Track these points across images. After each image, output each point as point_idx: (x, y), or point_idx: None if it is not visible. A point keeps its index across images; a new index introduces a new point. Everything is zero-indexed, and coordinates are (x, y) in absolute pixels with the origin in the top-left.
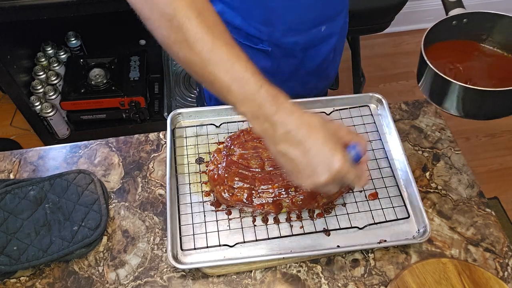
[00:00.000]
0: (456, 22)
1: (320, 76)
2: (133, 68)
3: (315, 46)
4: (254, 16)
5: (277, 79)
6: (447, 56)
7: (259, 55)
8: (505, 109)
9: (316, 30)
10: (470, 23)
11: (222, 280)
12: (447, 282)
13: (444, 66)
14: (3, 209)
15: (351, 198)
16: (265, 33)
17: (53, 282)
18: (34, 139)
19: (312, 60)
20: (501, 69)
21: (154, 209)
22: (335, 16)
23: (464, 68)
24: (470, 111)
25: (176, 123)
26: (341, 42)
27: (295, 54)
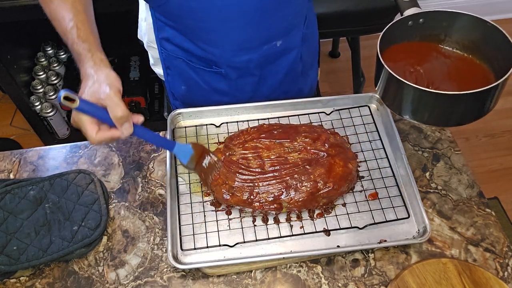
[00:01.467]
0: (412, 23)
1: (289, 91)
2: (133, 68)
3: (273, 61)
4: (201, 39)
5: (241, 99)
6: (406, 58)
7: (215, 77)
8: (465, 115)
9: (269, 46)
10: (427, 23)
11: (222, 280)
12: (447, 282)
13: (404, 69)
14: (3, 209)
15: (351, 198)
16: (215, 54)
17: (53, 282)
18: (34, 139)
19: (273, 75)
20: (462, 71)
21: (154, 209)
22: (289, 30)
23: (425, 71)
24: (427, 116)
25: (176, 123)
26: (308, 53)
27: (252, 72)
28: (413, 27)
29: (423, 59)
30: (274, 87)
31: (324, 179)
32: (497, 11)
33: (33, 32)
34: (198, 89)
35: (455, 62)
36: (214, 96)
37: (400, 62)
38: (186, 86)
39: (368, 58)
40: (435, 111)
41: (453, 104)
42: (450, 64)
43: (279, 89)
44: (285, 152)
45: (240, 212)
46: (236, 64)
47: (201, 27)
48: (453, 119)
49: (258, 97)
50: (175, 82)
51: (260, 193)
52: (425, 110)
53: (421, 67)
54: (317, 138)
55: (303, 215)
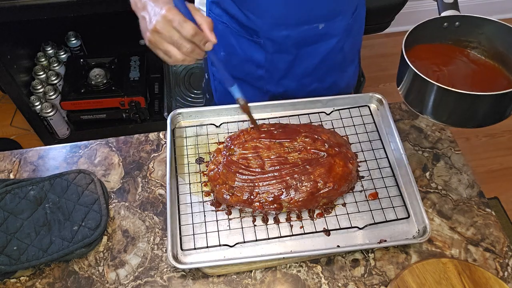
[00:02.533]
0: (447, 24)
1: (323, 80)
2: (133, 68)
3: (311, 44)
4: (246, 6)
5: (273, 76)
6: (432, 57)
7: (254, 47)
8: (485, 117)
9: (310, 27)
10: (462, 26)
11: (222, 280)
12: (447, 282)
13: (428, 67)
14: (3, 209)
15: (351, 198)
16: (257, 24)
17: (53, 282)
18: (34, 139)
19: (309, 58)
20: (486, 78)
21: (154, 209)
22: (333, 16)
23: (449, 72)
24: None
25: (176, 123)
26: (351, 47)
27: (288, 50)
28: (448, 29)
29: (449, 61)
30: (308, 72)
31: (324, 179)
32: (497, 11)
33: (33, 32)
34: (236, 57)
35: (481, 69)
36: (250, 66)
37: (425, 61)
38: (225, 52)
39: (368, 58)
40: (456, 111)
41: (474, 104)
42: (476, 70)
43: (313, 75)
44: (285, 152)
45: (240, 212)
46: (274, 37)
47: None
48: (474, 120)
49: (292, 77)
50: (215, 47)
51: (260, 193)
52: (446, 110)
53: (446, 69)
54: (317, 138)
55: (303, 215)
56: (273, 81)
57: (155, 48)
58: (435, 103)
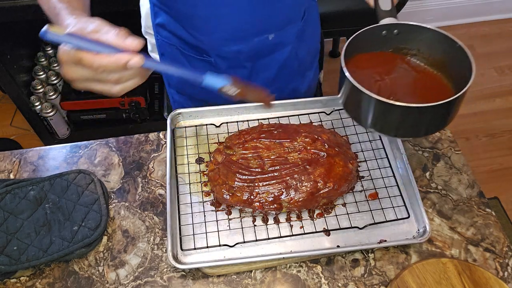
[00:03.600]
0: (386, 32)
1: (283, 88)
2: None
3: (265, 55)
4: (192, 25)
5: None
6: (373, 66)
7: (206, 66)
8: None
9: (261, 38)
10: (401, 34)
11: (222, 280)
12: (447, 282)
13: (369, 77)
14: (3, 209)
15: (351, 198)
16: (205, 42)
17: (53, 282)
18: (34, 139)
19: (266, 70)
20: (426, 86)
21: (154, 209)
22: (283, 25)
23: (391, 80)
24: (381, 125)
25: (176, 123)
26: (306, 52)
27: (242, 64)
28: (387, 37)
29: (390, 69)
30: (268, 82)
31: (324, 179)
32: (497, 11)
33: (33, 32)
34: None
35: (422, 76)
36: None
37: (366, 70)
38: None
39: None
40: (388, 121)
41: (404, 115)
42: (417, 77)
43: (273, 85)
44: (285, 152)
45: (240, 212)
46: (225, 54)
47: (193, 13)
48: (412, 130)
49: None
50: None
51: (260, 193)
52: (382, 121)
53: (388, 77)
54: (317, 138)
55: (303, 215)
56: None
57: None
58: (372, 114)
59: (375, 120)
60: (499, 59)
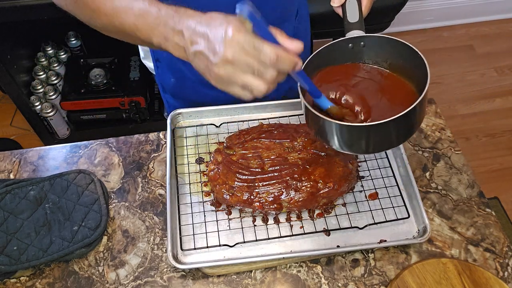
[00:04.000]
0: (352, 45)
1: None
2: (133, 68)
3: None
4: None
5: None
6: (341, 79)
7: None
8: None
9: None
10: (367, 46)
11: (222, 280)
12: (447, 282)
13: (336, 89)
14: (3, 209)
15: (351, 198)
16: None
17: (53, 282)
18: (34, 139)
19: None
20: (394, 92)
21: (154, 209)
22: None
23: (358, 91)
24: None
25: (176, 123)
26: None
27: None
28: (354, 50)
29: (357, 79)
30: None
31: (324, 179)
32: (497, 11)
33: (33, 32)
34: (186, 81)
35: (389, 83)
36: (202, 88)
37: (333, 83)
38: (175, 78)
39: None
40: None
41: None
42: (384, 85)
43: None
44: (285, 152)
45: (240, 212)
46: None
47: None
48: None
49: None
50: (164, 75)
51: (260, 193)
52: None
53: (355, 88)
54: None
55: (303, 215)
56: (229, 100)
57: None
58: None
59: (341, 142)
60: (499, 59)
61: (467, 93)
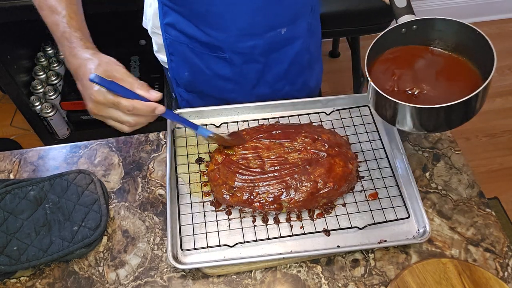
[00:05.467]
0: (405, 30)
1: (294, 82)
2: (133, 68)
3: (278, 49)
4: (206, 23)
5: (244, 87)
6: (396, 62)
7: (219, 62)
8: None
9: (274, 33)
10: (420, 29)
11: (222, 280)
12: (447, 282)
13: (393, 73)
14: (3, 209)
15: (351, 198)
16: (220, 39)
17: (53, 282)
18: (34, 139)
19: (278, 64)
20: (451, 71)
21: (154, 209)
22: (295, 19)
23: (415, 72)
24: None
25: (176, 123)
26: (315, 45)
27: (256, 59)
28: (407, 34)
29: (413, 60)
30: (279, 76)
31: (324, 179)
32: (497, 11)
33: (33, 32)
34: (201, 75)
35: (445, 62)
36: (217, 82)
37: (391, 68)
38: (189, 72)
39: None
40: (419, 121)
41: (433, 115)
42: (440, 64)
43: (285, 79)
44: (285, 152)
45: (240, 212)
46: (240, 49)
47: (207, 11)
48: (438, 126)
49: (263, 85)
50: (178, 69)
51: (260, 193)
52: (409, 120)
53: (411, 69)
54: (317, 138)
55: (303, 215)
56: (244, 92)
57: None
58: (398, 115)
59: (407, 121)
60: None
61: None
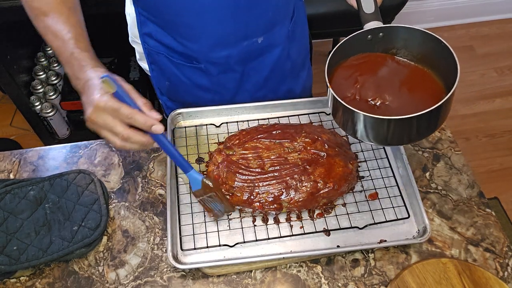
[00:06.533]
0: (371, 36)
1: (277, 90)
2: (133, 68)
3: (255, 58)
4: (178, 34)
5: (224, 97)
6: (362, 69)
7: (197, 72)
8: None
9: (250, 42)
10: (386, 36)
11: (222, 280)
12: (447, 282)
13: (355, 80)
14: (3, 209)
15: (351, 198)
16: (193, 49)
17: (53, 282)
18: (34, 139)
19: (257, 72)
20: (414, 81)
21: (154, 209)
22: (271, 27)
23: (378, 80)
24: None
25: (176, 123)
26: (298, 52)
27: (233, 68)
28: (373, 41)
29: (377, 69)
30: (259, 85)
31: (324, 179)
32: (497, 11)
33: (33, 32)
34: (181, 85)
35: (409, 73)
36: (197, 92)
37: (354, 74)
38: (169, 81)
39: None
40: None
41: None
42: (404, 74)
43: (265, 87)
44: (285, 152)
45: (240, 212)
46: (215, 59)
47: (178, 22)
48: (398, 138)
49: (242, 94)
50: (159, 78)
51: (260, 193)
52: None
53: (375, 77)
54: (317, 138)
55: (303, 215)
56: (225, 102)
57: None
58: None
59: (363, 132)
60: (499, 60)
61: (467, 94)
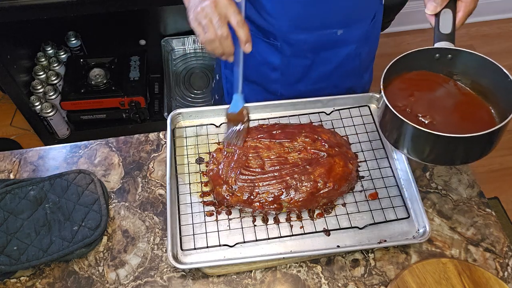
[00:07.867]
0: (439, 55)
1: (338, 86)
2: (133, 68)
3: (328, 49)
4: (264, 8)
5: (288, 79)
6: (417, 85)
7: (270, 49)
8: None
9: (328, 32)
10: (454, 59)
11: (222, 280)
12: (447, 282)
13: (409, 95)
14: (3, 209)
15: (351, 198)
16: (274, 26)
17: (53, 282)
18: (34, 139)
19: (325, 64)
20: (468, 109)
21: (154, 209)
22: (351, 22)
23: (431, 99)
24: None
25: (176, 123)
26: (368, 54)
27: (305, 54)
28: (439, 61)
29: (435, 89)
30: (324, 77)
31: (324, 179)
32: (497, 11)
33: (33, 32)
34: (251, 59)
35: (465, 99)
36: (265, 69)
37: (411, 88)
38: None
39: None
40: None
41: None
42: (460, 100)
43: (329, 80)
44: (285, 152)
45: (240, 212)
46: (292, 40)
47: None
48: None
49: (306, 81)
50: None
51: (260, 193)
52: (422, 149)
53: (430, 96)
54: (317, 138)
55: (303, 215)
56: (287, 85)
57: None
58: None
59: (407, 144)
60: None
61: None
